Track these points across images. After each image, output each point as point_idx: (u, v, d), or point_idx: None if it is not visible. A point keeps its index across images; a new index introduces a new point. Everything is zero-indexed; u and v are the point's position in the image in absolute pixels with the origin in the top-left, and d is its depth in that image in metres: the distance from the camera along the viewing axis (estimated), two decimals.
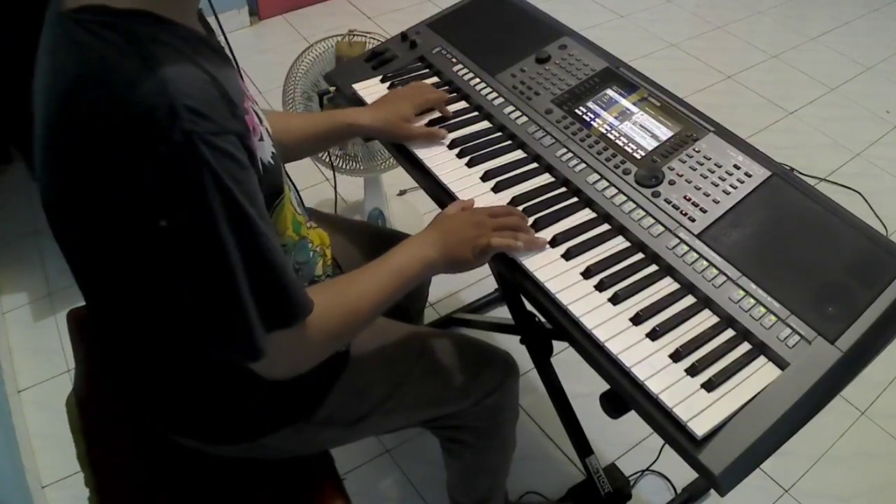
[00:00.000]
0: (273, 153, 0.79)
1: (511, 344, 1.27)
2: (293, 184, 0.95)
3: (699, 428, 0.77)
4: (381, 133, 1.15)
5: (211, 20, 0.82)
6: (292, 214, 0.87)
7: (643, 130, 1.09)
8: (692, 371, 0.82)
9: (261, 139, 0.76)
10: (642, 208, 0.99)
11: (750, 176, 1.00)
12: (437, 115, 1.18)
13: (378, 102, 1.16)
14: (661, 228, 0.97)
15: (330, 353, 0.85)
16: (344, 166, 1.83)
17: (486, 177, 1.07)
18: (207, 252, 0.65)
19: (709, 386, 0.80)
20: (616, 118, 1.12)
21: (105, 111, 0.61)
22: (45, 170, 0.72)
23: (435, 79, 1.26)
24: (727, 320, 0.87)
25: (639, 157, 1.06)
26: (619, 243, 0.98)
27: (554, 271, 0.93)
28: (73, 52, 0.64)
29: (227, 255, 0.65)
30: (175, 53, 0.63)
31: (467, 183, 1.07)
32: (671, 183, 1.02)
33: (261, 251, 0.68)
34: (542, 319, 1.03)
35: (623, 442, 1.59)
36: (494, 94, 1.20)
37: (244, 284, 0.67)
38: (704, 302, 0.90)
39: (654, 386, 0.81)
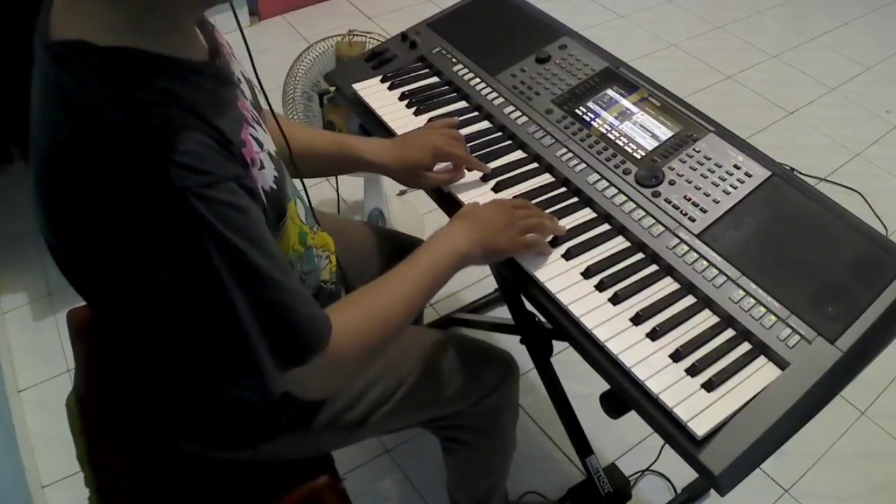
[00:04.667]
0: (275, 177, 0.76)
1: (511, 344, 1.27)
2: (304, 186, 0.93)
3: (699, 428, 0.77)
4: (400, 180, 1.09)
5: (224, 16, 0.79)
6: (298, 227, 0.85)
7: (643, 130, 1.09)
8: (692, 371, 0.82)
9: (261, 168, 0.72)
10: (642, 208, 0.99)
11: (750, 176, 1.00)
12: (440, 112, 1.18)
13: (400, 146, 1.07)
14: (662, 228, 0.97)
15: (368, 364, 0.84)
16: None
17: (486, 177, 1.07)
18: (212, 303, 0.63)
19: (709, 386, 0.80)
20: (616, 118, 1.12)
21: (92, 168, 0.58)
22: (40, 204, 0.67)
23: (435, 79, 1.27)
24: (727, 320, 0.88)
25: (639, 157, 1.06)
26: (619, 243, 0.98)
27: (554, 271, 0.93)
28: (58, 97, 0.61)
29: (234, 306, 0.63)
30: (160, 99, 0.60)
31: (467, 183, 1.07)
32: (671, 183, 1.02)
33: (270, 297, 0.66)
34: (542, 319, 1.03)
35: (623, 442, 1.59)
36: (494, 94, 1.20)
37: (253, 330, 0.65)
38: (704, 302, 0.90)
39: (654, 386, 0.81)
